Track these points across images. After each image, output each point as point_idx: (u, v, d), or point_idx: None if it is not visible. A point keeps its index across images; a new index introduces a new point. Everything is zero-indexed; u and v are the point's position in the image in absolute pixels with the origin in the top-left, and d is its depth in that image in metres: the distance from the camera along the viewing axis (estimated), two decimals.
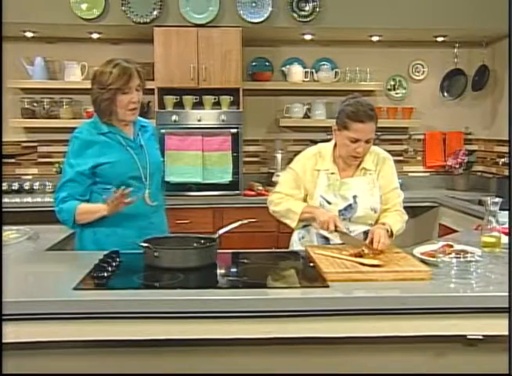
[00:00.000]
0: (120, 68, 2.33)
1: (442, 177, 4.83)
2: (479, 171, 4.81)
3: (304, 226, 2.52)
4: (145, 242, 2.04)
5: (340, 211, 2.41)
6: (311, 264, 2.06)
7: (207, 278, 2.00)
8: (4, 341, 1.67)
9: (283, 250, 2.40)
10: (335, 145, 2.48)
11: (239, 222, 2.27)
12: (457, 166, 4.65)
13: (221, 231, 2.18)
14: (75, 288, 1.79)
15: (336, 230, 2.26)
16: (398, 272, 1.90)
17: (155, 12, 4.04)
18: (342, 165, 2.46)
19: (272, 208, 2.50)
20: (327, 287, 1.81)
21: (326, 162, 2.46)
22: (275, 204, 2.49)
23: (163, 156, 2.64)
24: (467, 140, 4.85)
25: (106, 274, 1.91)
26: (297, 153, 2.62)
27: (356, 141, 2.33)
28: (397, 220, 2.41)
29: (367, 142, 2.36)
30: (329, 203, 2.42)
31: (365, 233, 2.41)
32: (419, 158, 4.89)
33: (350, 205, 2.41)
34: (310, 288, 1.83)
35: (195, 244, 2.14)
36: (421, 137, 4.86)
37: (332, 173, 2.45)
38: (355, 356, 1.80)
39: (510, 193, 3.06)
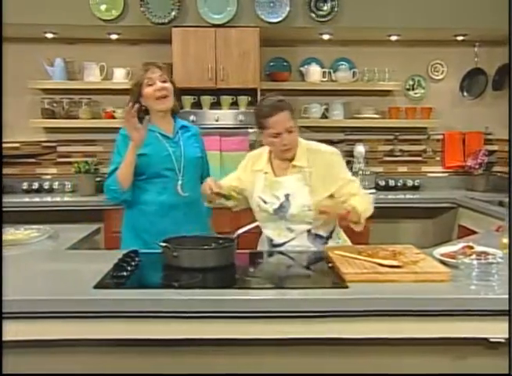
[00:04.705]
0: (144, 65, 2.63)
1: (462, 178, 4.78)
2: (499, 172, 4.75)
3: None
4: (164, 242, 2.05)
5: (274, 210, 2.42)
6: (330, 264, 2.05)
7: (225, 278, 2.00)
8: (24, 338, 1.70)
9: (301, 250, 2.39)
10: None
11: (258, 223, 2.27)
12: (477, 166, 4.59)
13: (239, 231, 2.19)
14: (95, 287, 1.80)
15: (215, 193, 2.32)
16: (418, 274, 1.88)
17: (173, 13, 4.06)
18: (277, 165, 2.49)
19: None
20: (346, 287, 1.81)
21: (262, 162, 2.51)
22: None
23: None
24: (487, 140, 4.79)
25: (125, 273, 1.92)
26: None
27: (278, 135, 2.36)
28: (359, 201, 2.36)
29: (289, 131, 2.37)
30: (265, 202, 2.44)
31: (309, 231, 2.42)
32: (438, 158, 4.84)
33: (282, 204, 2.41)
34: (329, 289, 1.82)
35: (213, 244, 2.15)
36: (440, 137, 4.81)
37: (266, 172, 2.48)
38: (374, 357, 1.79)
39: (509, 193, 3.02)
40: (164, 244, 2.03)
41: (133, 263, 2.04)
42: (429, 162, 4.85)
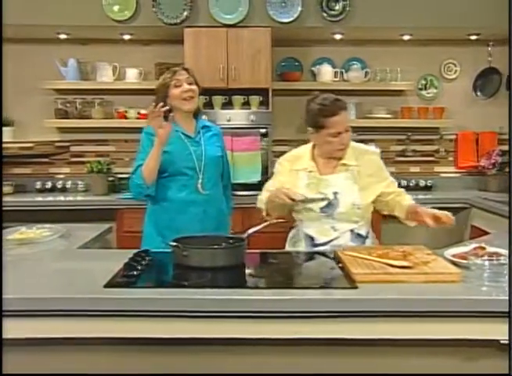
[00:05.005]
0: (168, 69, 2.79)
1: (474, 178, 4.74)
2: None
3: (294, 227, 2.58)
4: (174, 241, 2.05)
5: (321, 208, 2.40)
6: (340, 265, 2.05)
7: (235, 278, 2.01)
8: (34, 336, 1.71)
9: (311, 250, 2.39)
10: (313, 146, 2.51)
11: (268, 222, 2.27)
12: (490, 167, 4.56)
13: (249, 231, 2.19)
14: (106, 286, 1.81)
15: (294, 200, 2.26)
16: (428, 274, 1.87)
17: (185, 13, 4.07)
18: (321, 163, 2.47)
19: (258, 205, 2.55)
20: (356, 288, 1.80)
21: (304, 161, 2.49)
22: (259, 200, 2.54)
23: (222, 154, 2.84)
24: (501, 140, 4.75)
25: (135, 273, 1.93)
26: None
27: (338, 134, 2.35)
28: (409, 198, 2.45)
29: (347, 131, 2.38)
30: None
31: (352, 231, 2.41)
32: (450, 159, 4.82)
33: (330, 202, 2.40)
34: (338, 289, 1.82)
35: (224, 244, 2.15)
36: (453, 137, 4.78)
37: (310, 171, 2.46)
38: (383, 358, 1.78)
39: (510, 193, 3.00)
40: (173, 244, 2.04)
41: (143, 262, 2.05)
42: (442, 162, 4.82)
